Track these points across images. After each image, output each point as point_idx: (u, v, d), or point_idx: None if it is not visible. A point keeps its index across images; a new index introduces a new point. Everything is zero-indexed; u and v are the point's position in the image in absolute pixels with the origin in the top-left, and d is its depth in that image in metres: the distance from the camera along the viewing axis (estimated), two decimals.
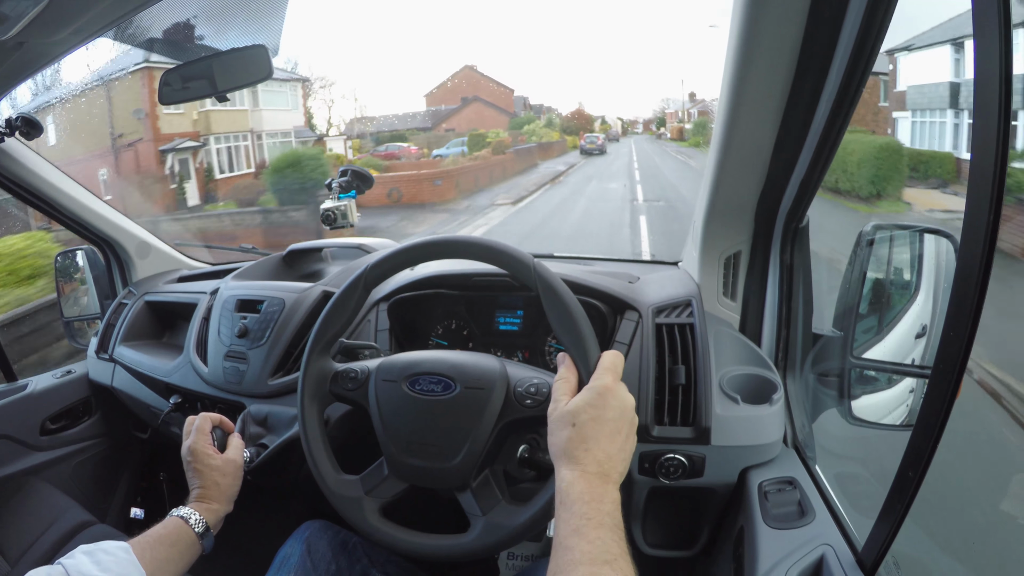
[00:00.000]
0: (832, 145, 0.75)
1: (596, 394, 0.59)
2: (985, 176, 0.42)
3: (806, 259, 0.94)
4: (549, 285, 0.67)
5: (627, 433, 0.59)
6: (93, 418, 1.45)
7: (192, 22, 0.94)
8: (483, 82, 31.13)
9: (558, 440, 0.59)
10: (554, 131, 30.35)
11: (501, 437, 0.71)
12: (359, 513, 0.72)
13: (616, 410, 0.59)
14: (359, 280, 0.76)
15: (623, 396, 0.61)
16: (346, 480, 0.75)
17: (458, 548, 0.69)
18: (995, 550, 1.46)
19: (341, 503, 0.73)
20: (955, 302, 0.46)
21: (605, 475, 0.56)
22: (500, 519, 0.68)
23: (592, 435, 0.57)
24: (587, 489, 0.54)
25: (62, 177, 1.33)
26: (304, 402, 0.77)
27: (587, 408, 0.58)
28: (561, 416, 0.59)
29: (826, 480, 0.84)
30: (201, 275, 1.50)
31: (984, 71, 0.41)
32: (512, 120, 29.08)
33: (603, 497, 0.54)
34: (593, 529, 0.51)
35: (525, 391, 0.70)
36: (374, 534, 0.72)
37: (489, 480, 0.71)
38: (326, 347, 0.78)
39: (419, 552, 0.71)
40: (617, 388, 0.61)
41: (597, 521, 0.52)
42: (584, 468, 0.56)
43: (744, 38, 0.66)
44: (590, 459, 0.56)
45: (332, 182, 1.17)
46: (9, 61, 0.81)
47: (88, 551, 0.64)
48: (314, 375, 0.77)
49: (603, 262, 1.31)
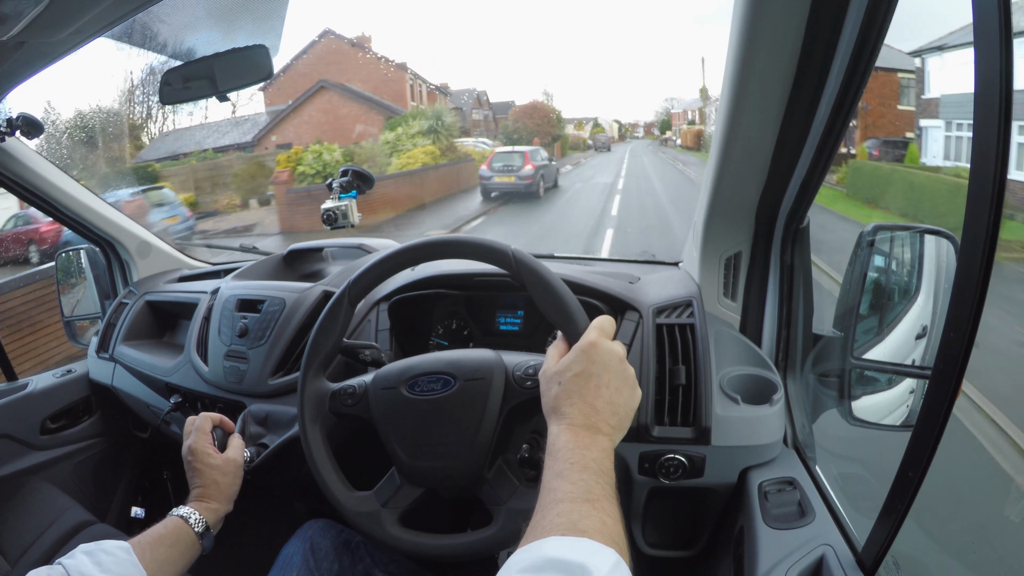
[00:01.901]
0: (832, 145, 0.75)
1: (580, 351, 0.61)
2: (985, 177, 0.42)
3: (806, 260, 0.94)
4: (529, 267, 0.69)
5: (616, 386, 0.60)
6: (93, 417, 1.45)
7: (192, 22, 0.94)
8: (353, 58, 17.82)
9: (547, 399, 0.60)
10: (439, 142, 14.94)
11: (508, 424, 0.71)
12: (379, 527, 0.72)
13: (600, 364, 0.60)
14: (342, 298, 0.77)
15: (608, 349, 0.61)
16: (360, 497, 0.74)
17: (486, 541, 0.69)
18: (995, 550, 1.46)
19: (359, 520, 0.73)
20: (955, 303, 0.46)
21: (593, 427, 0.56)
22: (521, 504, 0.68)
23: (576, 390, 0.58)
24: (572, 438, 0.55)
25: (63, 176, 1.33)
26: (306, 425, 0.76)
27: (572, 365, 0.60)
28: (548, 377, 0.61)
29: (826, 480, 0.84)
30: (201, 275, 1.50)
31: (985, 72, 0.41)
32: (388, 121, 15.65)
33: (590, 445, 0.55)
34: (576, 472, 0.52)
35: (524, 374, 0.71)
36: (398, 545, 0.71)
37: (503, 469, 0.71)
38: (320, 367, 0.78)
39: (448, 554, 0.70)
40: (601, 342, 0.61)
41: (581, 465, 0.53)
42: (571, 421, 0.57)
43: (744, 39, 0.66)
44: (576, 412, 0.57)
45: (332, 182, 1.17)
46: (9, 61, 0.81)
47: (88, 551, 0.64)
48: (312, 397, 0.77)
49: (603, 262, 1.32)
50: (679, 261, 1.23)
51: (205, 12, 0.94)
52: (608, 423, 0.57)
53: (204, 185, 13.39)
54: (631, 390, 0.61)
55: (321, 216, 1.15)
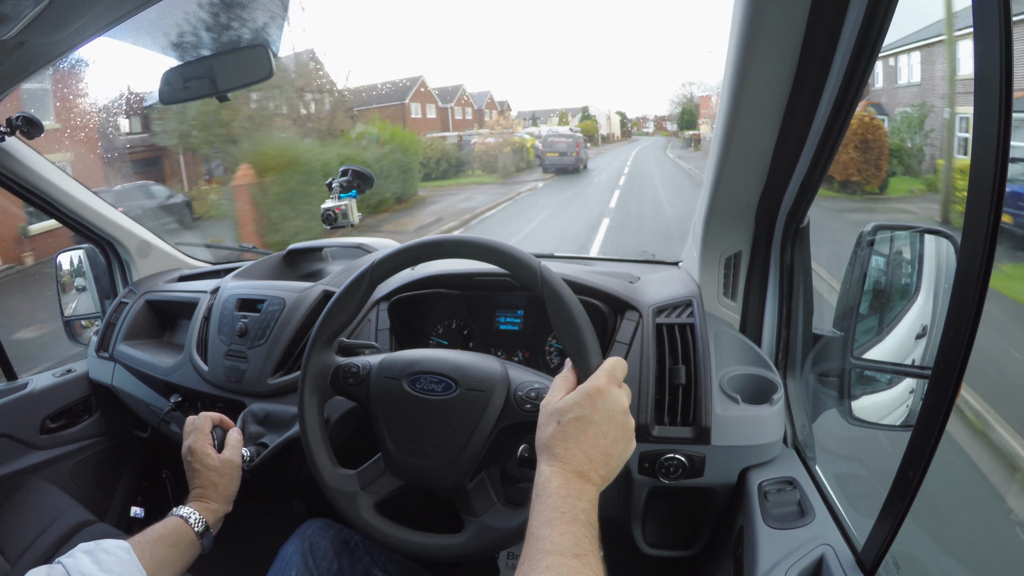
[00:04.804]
0: (832, 145, 0.75)
1: (585, 395, 0.59)
2: (985, 177, 0.42)
3: (806, 259, 0.94)
4: (554, 290, 0.67)
5: (614, 437, 0.59)
6: (93, 417, 1.45)
7: (192, 22, 0.94)
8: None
9: (543, 435, 0.59)
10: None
11: (499, 440, 0.71)
12: (353, 508, 0.72)
13: (603, 412, 0.59)
14: (364, 275, 0.76)
15: (614, 399, 0.60)
16: (342, 475, 0.75)
17: (450, 549, 0.69)
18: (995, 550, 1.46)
19: (336, 497, 0.74)
20: (955, 303, 0.46)
21: (584, 475, 0.56)
22: (494, 522, 0.68)
23: (574, 434, 0.57)
24: (563, 485, 0.54)
25: (63, 176, 1.33)
26: (304, 395, 0.77)
27: (574, 407, 0.59)
28: (549, 412, 0.60)
29: (826, 480, 0.84)
30: (201, 274, 1.50)
31: (985, 72, 0.41)
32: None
33: (580, 495, 0.54)
34: (566, 523, 0.51)
35: (525, 395, 0.70)
36: (367, 529, 0.72)
37: (485, 482, 0.71)
38: (329, 341, 0.78)
39: (410, 550, 0.71)
40: (610, 390, 0.60)
41: (571, 516, 0.52)
42: (563, 465, 0.56)
43: (745, 38, 0.66)
44: (569, 457, 0.56)
45: (332, 182, 1.17)
46: (9, 61, 0.81)
47: (88, 550, 0.64)
48: (316, 369, 0.77)
49: (604, 262, 1.32)
50: (679, 261, 1.23)
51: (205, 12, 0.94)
52: (599, 473, 0.57)
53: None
54: (627, 443, 0.60)
55: (321, 216, 1.15)
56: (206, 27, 5.36)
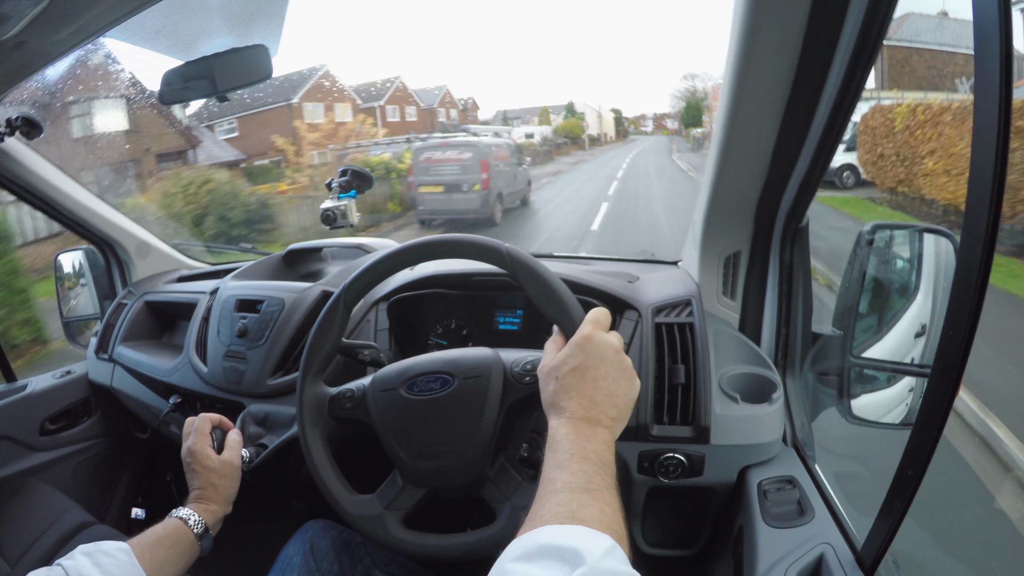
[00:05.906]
0: (832, 145, 0.75)
1: (575, 346, 0.61)
2: (985, 176, 0.42)
3: (806, 259, 0.94)
4: (523, 263, 0.69)
5: (614, 377, 0.59)
6: (93, 418, 1.44)
7: (192, 22, 0.94)
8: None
9: (545, 396, 0.60)
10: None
11: (508, 421, 0.71)
12: (383, 529, 0.72)
13: (596, 356, 0.59)
14: (338, 301, 0.77)
15: (603, 341, 0.61)
16: (362, 500, 0.74)
17: (490, 539, 0.69)
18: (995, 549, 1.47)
19: (362, 523, 0.72)
20: (955, 302, 0.46)
21: (592, 420, 0.56)
22: (525, 500, 0.68)
23: (573, 384, 0.58)
24: (572, 431, 0.55)
25: (62, 177, 1.33)
26: (306, 431, 0.76)
27: (567, 359, 0.60)
28: (546, 373, 0.61)
29: (825, 479, 0.84)
30: (201, 275, 1.50)
31: (984, 72, 0.41)
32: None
33: (590, 438, 0.55)
34: (577, 463, 0.52)
35: (522, 369, 0.71)
36: (402, 547, 0.71)
37: (505, 466, 0.72)
38: (318, 372, 0.78)
39: (452, 554, 0.70)
40: (596, 335, 0.61)
41: (581, 456, 0.52)
42: (570, 415, 0.57)
43: (744, 38, 0.66)
44: (575, 406, 0.57)
45: (332, 182, 1.17)
46: (9, 61, 0.81)
47: (88, 552, 0.64)
48: (311, 402, 0.77)
49: (603, 262, 1.32)
50: (678, 260, 1.23)
51: (205, 12, 0.94)
52: (607, 415, 0.57)
53: None
54: (629, 381, 0.61)
55: (320, 216, 1.15)
56: (206, 26, 5.37)
